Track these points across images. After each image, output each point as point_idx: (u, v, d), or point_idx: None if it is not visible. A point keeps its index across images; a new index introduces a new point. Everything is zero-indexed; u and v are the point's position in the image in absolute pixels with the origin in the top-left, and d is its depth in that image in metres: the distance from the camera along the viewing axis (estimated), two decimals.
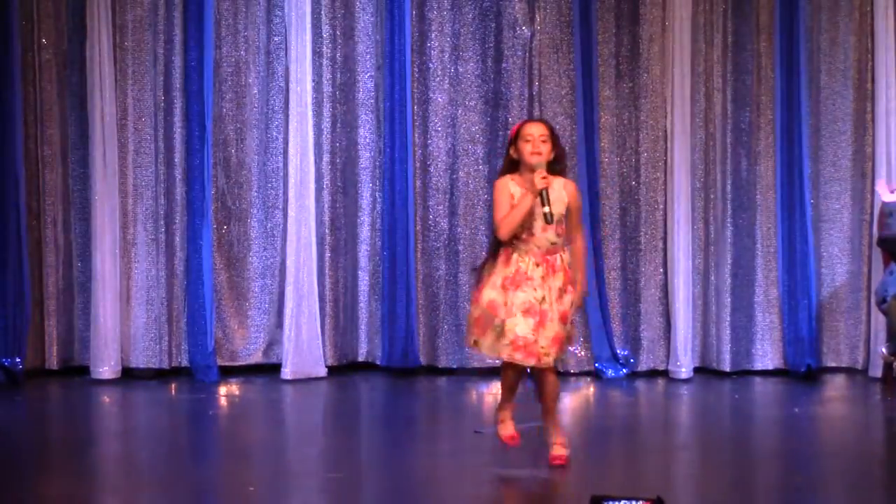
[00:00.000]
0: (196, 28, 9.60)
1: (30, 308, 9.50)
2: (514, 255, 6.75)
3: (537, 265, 6.73)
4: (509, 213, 6.70)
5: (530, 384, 7.02)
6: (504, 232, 6.72)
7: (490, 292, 6.75)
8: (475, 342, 6.81)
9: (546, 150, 6.72)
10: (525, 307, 6.67)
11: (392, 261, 9.77)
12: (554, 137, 6.78)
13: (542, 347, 6.68)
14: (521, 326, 6.66)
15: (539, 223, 6.70)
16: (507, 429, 6.96)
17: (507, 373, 6.90)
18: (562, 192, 6.79)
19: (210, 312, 9.61)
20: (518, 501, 6.56)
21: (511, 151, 6.79)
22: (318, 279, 9.72)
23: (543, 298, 6.70)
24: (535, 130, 6.74)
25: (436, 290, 9.88)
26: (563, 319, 6.75)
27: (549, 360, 6.72)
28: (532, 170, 6.68)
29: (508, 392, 6.95)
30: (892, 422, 8.57)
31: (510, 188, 6.76)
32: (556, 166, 6.78)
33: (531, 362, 6.70)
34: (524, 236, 6.74)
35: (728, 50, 9.77)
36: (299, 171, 9.63)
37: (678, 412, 9.01)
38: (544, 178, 6.65)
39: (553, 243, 6.75)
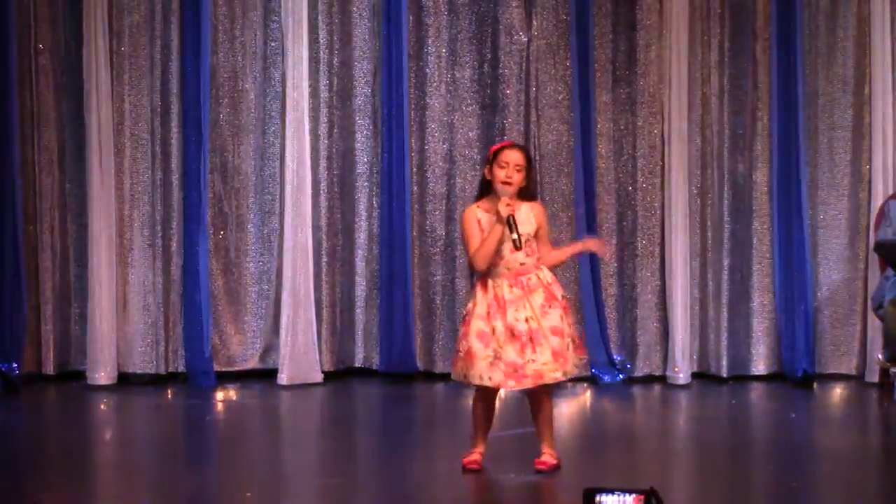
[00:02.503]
0: (193, 34, 9.60)
1: (26, 313, 9.49)
2: (490, 281, 6.84)
3: (511, 287, 6.79)
4: (482, 245, 6.79)
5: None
6: (480, 264, 6.83)
7: (477, 322, 6.80)
8: (465, 376, 6.83)
9: (518, 179, 6.81)
10: (511, 331, 6.73)
11: (389, 266, 9.76)
12: (529, 167, 6.87)
13: (545, 364, 6.70)
14: (509, 353, 6.71)
15: (507, 245, 6.76)
16: (470, 455, 6.95)
17: (478, 405, 6.93)
18: (529, 214, 6.88)
19: (206, 318, 9.61)
20: None
21: (486, 172, 6.87)
22: (314, 285, 9.71)
23: (529, 318, 6.74)
24: (513, 158, 6.81)
25: (432, 296, 9.87)
26: (557, 333, 6.78)
27: (556, 376, 6.74)
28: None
29: (480, 429, 6.95)
30: (889, 427, 8.57)
31: (477, 216, 6.86)
32: (525, 192, 6.88)
33: (528, 384, 6.74)
34: (495, 260, 6.81)
35: (725, 55, 9.77)
36: (296, 176, 9.63)
37: (675, 417, 9.01)
38: (508, 205, 6.74)
39: (522, 264, 6.83)
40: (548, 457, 6.92)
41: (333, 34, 9.87)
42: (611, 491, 6.15)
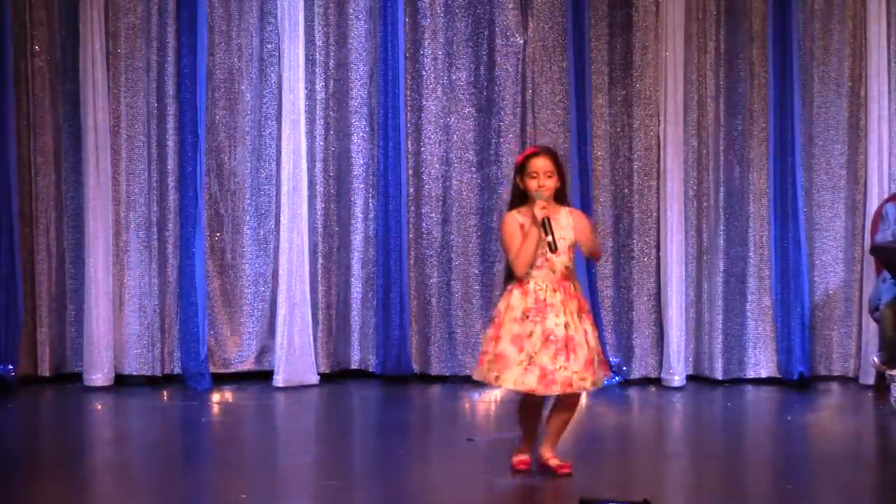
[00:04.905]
0: (189, 35, 9.60)
1: (22, 315, 9.49)
2: (531, 284, 6.75)
3: (555, 291, 6.74)
4: (521, 248, 6.73)
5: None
6: (520, 268, 6.74)
7: (512, 326, 6.73)
8: (496, 378, 6.75)
9: (551, 183, 6.77)
10: (546, 336, 6.68)
11: (385, 268, 9.76)
12: (559, 168, 6.82)
13: (576, 373, 6.68)
14: (542, 357, 6.67)
15: (546, 249, 6.72)
16: (519, 455, 6.94)
17: (524, 412, 6.90)
18: (568, 219, 6.82)
19: (202, 319, 9.61)
20: None
21: (517, 182, 6.84)
22: (310, 286, 9.71)
23: (567, 324, 6.71)
24: (541, 166, 6.77)
25: (428, 298, 9.87)
26: (587, 344, 6.76)
27: (584, 385, 6.72)
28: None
29: (528, 433, 6.93)
30: (884, 430, 8.57)
31: (518, 220, 6.80)
32: (561, 194, 6.84)
33: (555, 391, 6.70)
34: (539, 263, 6.75)
35: (721, 58, 9.77)
36: (292, 178, 9.63)
37: (670, 420, 9.01)
38: (543, 208, 6.70)
39: (567, 267, 6.79)
40: (556, 460, 6.88)
41: (329, 36, 9.87)
42: (606, 502, 6.15)
